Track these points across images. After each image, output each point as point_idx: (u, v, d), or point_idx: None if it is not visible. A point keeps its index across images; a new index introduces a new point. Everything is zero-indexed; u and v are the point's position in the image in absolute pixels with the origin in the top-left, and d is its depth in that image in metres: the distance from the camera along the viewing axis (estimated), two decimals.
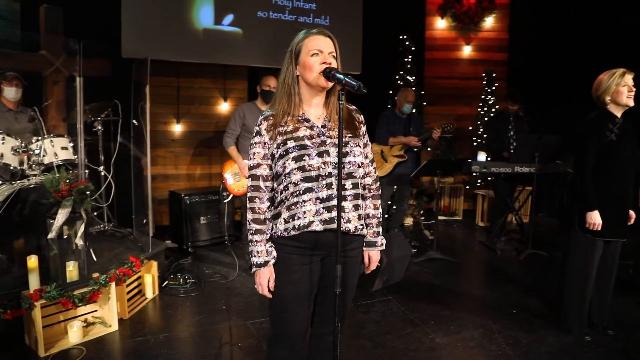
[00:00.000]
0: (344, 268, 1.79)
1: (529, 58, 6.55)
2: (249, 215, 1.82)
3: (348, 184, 1.79)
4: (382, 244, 1.98)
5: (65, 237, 2.92)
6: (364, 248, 1.97)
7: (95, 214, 4.17)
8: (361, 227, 1.86)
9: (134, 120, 4.07)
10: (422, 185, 6.74)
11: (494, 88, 6.62)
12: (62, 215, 2.82)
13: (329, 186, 1.75)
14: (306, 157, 1.74)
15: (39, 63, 4.29)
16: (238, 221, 5.28)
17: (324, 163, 1.75)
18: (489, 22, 6.73)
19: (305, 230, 1.74)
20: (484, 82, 6.66)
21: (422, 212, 6.54)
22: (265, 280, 1.80)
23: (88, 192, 2.97)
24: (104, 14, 4.62)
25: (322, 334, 1.96)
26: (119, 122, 4.24)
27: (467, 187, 6.84)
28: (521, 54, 6.65)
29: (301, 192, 1.74)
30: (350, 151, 1.80)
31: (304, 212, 1.74)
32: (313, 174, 1.74)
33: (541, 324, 3.29)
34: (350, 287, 1.93)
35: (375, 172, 1.98)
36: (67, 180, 2.95)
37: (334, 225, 1.74)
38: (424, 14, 6.76)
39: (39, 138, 3.49)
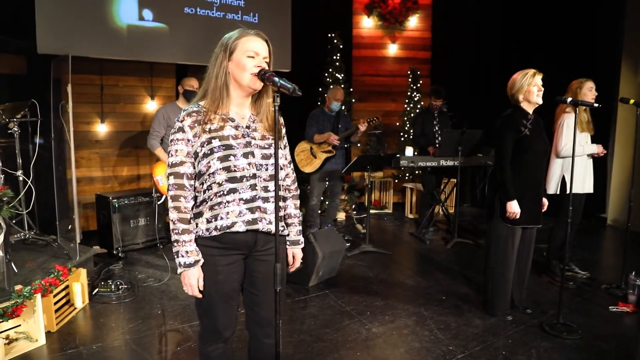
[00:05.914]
0: (265, 267, 1.85)
1: (450, 57, 6.91)
2: (174, 215, 1.76)
3: (271, 185, 1.80)
4: (303, 242, 2.05)
5: None
6: (288, 246, 2.01)
7: (13, 221, 3.89)
8: (282, 227, 1.93)
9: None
10: (353, 181, 6.91)
11: (419, 85, 6.91)
12: None
13: (253, 187, 1.76)
14: (232, 158, 1.73)
15: None
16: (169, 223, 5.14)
17: (249, 164, 1.76)
18: (413, 21, 7.02)
19: (227, 231, 1.74)
20: (410, 80, 6.94)
21: (353, 206, 6.72)
22: (195, 280, 1.77)
23: (6, 199, 2.79)
24: (16, 8, 4.30)
25: (259, 335, 1.96)
26: (38, 122, 3.99)
27: (396, 180, 7.10)
28: (443, 53, 7.01)
29: (225, 192, 1.74)
30: (274, 153, 1.82)
31: (227, 213, 1.74)
32: (238, 174, 1.74)
33: (468, 308, 3.52)
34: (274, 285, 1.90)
35: (293, 173, 2.02)
36: None
37: (257, 226, 1.77)
38: (351, 13, 6.91)
39: None
